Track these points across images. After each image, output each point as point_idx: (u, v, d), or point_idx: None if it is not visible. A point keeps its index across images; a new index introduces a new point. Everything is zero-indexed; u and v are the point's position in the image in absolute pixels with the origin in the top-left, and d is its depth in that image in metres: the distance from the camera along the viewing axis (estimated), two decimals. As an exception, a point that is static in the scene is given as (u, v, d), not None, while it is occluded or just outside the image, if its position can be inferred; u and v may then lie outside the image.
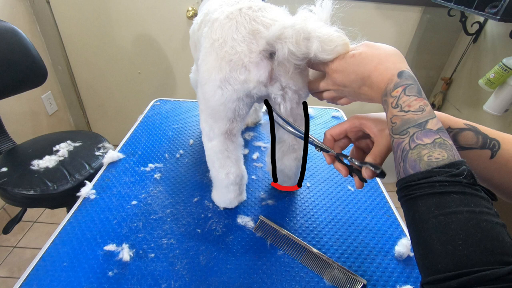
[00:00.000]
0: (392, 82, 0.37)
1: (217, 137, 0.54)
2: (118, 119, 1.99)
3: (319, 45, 0.40)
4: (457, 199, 0.28)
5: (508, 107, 1.13)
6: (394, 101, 0.36)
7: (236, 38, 0.45)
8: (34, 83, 1.14)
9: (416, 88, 0.36)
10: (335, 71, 0.43)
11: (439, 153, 0.31)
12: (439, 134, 0.32)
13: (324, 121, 0.97)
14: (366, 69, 0.40)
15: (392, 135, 0.36)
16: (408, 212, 0.32)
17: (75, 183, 0.94)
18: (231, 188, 0.59)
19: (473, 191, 0.29)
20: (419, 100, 0.35)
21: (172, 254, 0.53)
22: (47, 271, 0.49)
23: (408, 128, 0.34)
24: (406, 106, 0.35)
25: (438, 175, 0.30)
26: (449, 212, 0.28)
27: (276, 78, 0.47)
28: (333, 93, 0.47)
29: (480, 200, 0.28)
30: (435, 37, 1.55)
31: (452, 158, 0.30)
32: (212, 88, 0.48)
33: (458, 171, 0.29)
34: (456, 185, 0.29)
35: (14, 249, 1.42)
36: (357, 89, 0.42)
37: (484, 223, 0.27)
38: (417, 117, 0.34)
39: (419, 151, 0.32)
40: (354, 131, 0.46)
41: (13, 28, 1.04)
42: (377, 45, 0.41)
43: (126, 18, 1.59)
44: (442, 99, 1.59)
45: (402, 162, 0.33)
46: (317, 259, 0.53)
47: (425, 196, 0.30)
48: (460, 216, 0.27)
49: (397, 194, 0.34)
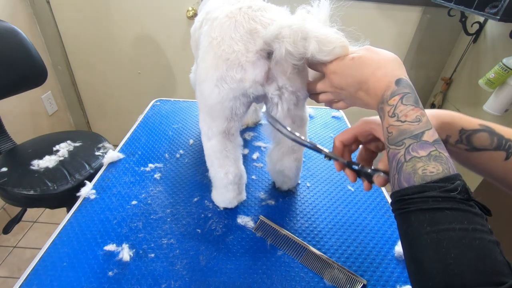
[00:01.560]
0: (390, 90, 0.36)
1: (216, 136, 0.54)
2: (118, 119, 1.99)
3: (316, 45, 0.40)
4: (450, 216, 0.28)
5: (508, 107, 1.13)
6: (391, 110, 0.35)
7: (234, 37, 0.45)
8: (34, 83, 1.14)
9: (413, 97, 0.35)
10: (333, 73, 0.43)
11: (433, 166, 0.30)
12: (435, 146, 0.32)
13: (324, 121, 0.97)
14: (364, 74, 0.39)
15: (388, 145, 0.35)
16: (401, 226, 0.32)
17: (75, 183, 0.94)
18: (230, 187, 0.59)
19: (467, 208, 0.28)
20: (416, 110, 0.34)
21: (172, 254, 0.53)
22: (47, 271, 0.49)
23: (404, 139, 0.33)
24: (403, 116, 0.34)
25: (432, 190, 0.29)
26: (441, 229, 0.28)
27: (273, 78, 0.47)
28: (330, 96, 0.47)
29: (474, 217, 0.28)
30: (435, 37, 1.55)
31: (447, 172, 0.30)
32: (209, 86, 0.48)
33: (452, 186, 0.29)
34: (450, 201, 0.28)
35: (14, 249, 1.42)
36: (353, 93, 0.42)
37: (477, 241, 0.26)
38: (414, 127, 0.33)
39: (414, 163, 0.31)
40: (364, 135, 0.46)
41: (13, 28, 1.04)
42: (378, 50, 0.41)
43: (126, 18, 1.59)
44: (442, 99, 1.59)
45: (397, 174, 0.33)
46: (317, 259, 0.53)
47: (418, 212, 0.29)
48: (452, 234, 0.27)
49: (391, 206, 0.34)
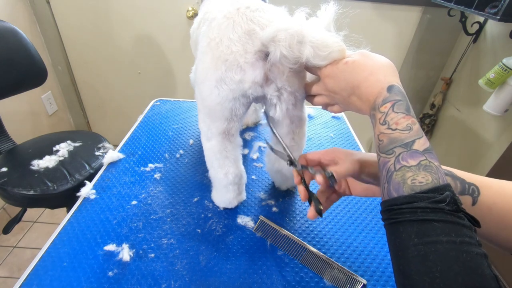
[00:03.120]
0: (381, 96, 0.36)
1: (215, 137, 0.54)
2: (118, 119, 1.99)
3: (311, 50, 0.40)
4: (437, 228, 0.27)
5: (508, 107, 1.13)
6: (382, 117, 0.35)
7: (232, 37, 0.45)
8: (34, 83, 1.14)
9: (405, 105, 0.35)
10: (327, 76, 0.43)
11: (423, 176, 0.30)
12: (425, 156, 0.31)
13: (324, 121, 0.97)
14: (357, 78, 0.39)
15: (379, 153, 0.35)
16: (390, 237, 0.32)
17: (75, 183, 0.94)
18: (230, 188, 0.59)
19: (455, 219, 0.28)
20: (407, 118, 0.34)
21: (172, 254, 0.53)
22: (47, 271, 0.49)
23: (395, 147, 0.33)
24: (393, 124, 0.34)
25: (421, 200, 0.29)
26: (428, 242, 0.27)
27: (272, 79, 0.47)
28: (325, 99, 0.47)
29: (462, 228, 0.27)
30: (435, 37, 1.55)
31: (437, 182, 0.30)
32: (209, 87, 0.48)
33: (441, 197, 0.29)
34: (438, 212, 0.28)
35: (14, 249, 1.42)
36: (346, 97, 0.42)
37: (464, 254, 0.26)
38: (404, 136, 0.33)
39: (403, 173, 0.31)
40: (327, 159, 0.46)
41: (13, 28, 1.04)
42: (372, 55, 0.41)
43: (126, 18, 1.59)
44: (442, 99, 1.59)
45: (387, 183, 0.33)
46: (317, 259, 0.53)
47: (406, 223, 0.29)
48: (439, 247, 0.27)
49: (381, 215, 0.34)
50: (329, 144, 0.85)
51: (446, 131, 1.59)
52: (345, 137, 0.89)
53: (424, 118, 1.66)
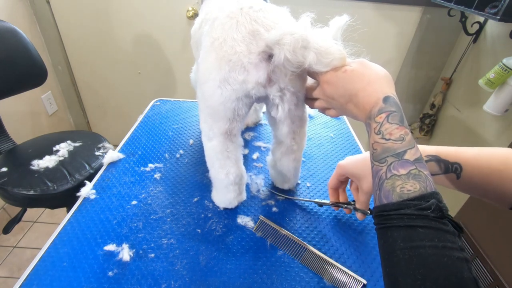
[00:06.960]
0: (377, 106, 0.38)
1: (217, 137, 0.54)
2: (118, 119, 1.99)
3: (315, 56, 0.40)
4: (421, 234, 0.29)
5: (508, 107, 1.13)
6: (377, 127, 0.37)
7: (236, 38, 0.45)
8: (34, 83, 1.14)
9: (399, 116, 0.37)
10: (326, 82, 0.44)
11: (411, 184, 0.32)
12: (415, 165, 0.33)
13: (324, 121, 0.97)
14: (355, 87, 0.41)
15: (373, 161, 0.37)
16: (379, 240, 0.33)
17: (75, 183, 0.94)
18: (230, 188, 0.59)
19: (439, 225, 0.29)
20: (400, 129, 0.35)
21: (172, 254, 0.53)
22: (47, 271, 0.49)
23: (387, 156, 0.35)
24: (387, 134, 0.36)
25: (408, 207, 0.30)
26: (413, 246, 0.29)
27: (275, 80, 0.47)
28: (322, 103, 0.48)
29: (445, 234, 0.29)
30: (435, 37, 1.55)
31: (424, 190, 0.31)
32: (212, 87, 0.48)
33: (426, 204, 0.30)
34: (423, 218, 0.29)
35: (14, 249, 1.42)
36: (343, 104, 0.44)
37: (445, 258, 0.27)
38: (397, 146, 0.34)
39: (393, 181, 0.33)
40: (343, 177, 0.56)
41: (13, 28, 1.04)
42: (370, 65, 0.42)
43: (126, 18, 1.59)
44: (442, 99, 1.59)
45: (378, 190, 0.34)
46: (317, 259, 0.53)
47: (394, 228, 0.31)
48: (422, 251, 0.28)
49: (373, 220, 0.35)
50: (329, 144, 0.86)
51: (446, 131, 1.59)
52: (345, 137, 0.89)
53: (424, 118, 1.66)
